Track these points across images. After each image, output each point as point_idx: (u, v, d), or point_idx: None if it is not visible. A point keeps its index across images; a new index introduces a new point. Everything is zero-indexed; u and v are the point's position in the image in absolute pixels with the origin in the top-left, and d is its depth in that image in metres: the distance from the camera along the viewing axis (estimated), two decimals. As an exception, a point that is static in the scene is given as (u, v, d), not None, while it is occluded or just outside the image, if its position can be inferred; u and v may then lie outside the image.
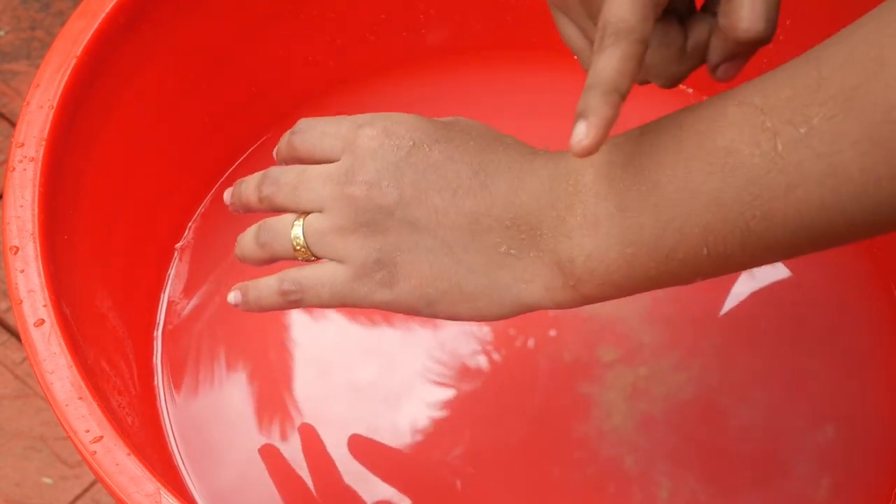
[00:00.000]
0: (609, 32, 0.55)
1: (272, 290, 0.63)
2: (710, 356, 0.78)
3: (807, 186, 0.52)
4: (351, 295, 0.61)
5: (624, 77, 0.55)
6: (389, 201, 0.60)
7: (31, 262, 0.66)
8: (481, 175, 0.60)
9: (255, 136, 0.87)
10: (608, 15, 0.56)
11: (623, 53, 0.55)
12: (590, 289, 0.58)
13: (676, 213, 0.55)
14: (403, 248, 0.60)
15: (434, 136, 0.61)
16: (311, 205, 0.62)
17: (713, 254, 0.56)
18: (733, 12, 0.57)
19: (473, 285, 0.60)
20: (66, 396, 0.62)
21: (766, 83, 0.55)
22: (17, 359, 1.16)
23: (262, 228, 0.64)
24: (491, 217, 0.59)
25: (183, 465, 0.75)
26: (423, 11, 0.88)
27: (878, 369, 0.78)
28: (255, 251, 0.64)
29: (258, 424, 0.77)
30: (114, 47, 0.74)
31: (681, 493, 0.74)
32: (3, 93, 1.28)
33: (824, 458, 0.75)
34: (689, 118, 0.56)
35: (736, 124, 0.54)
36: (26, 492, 1.10)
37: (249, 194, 0.65)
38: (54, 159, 0.70)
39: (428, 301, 0.60)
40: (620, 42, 0.55)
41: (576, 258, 0.58)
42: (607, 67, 0.55)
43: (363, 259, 0.61)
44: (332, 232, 0.61)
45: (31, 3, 1.32)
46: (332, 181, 0.61)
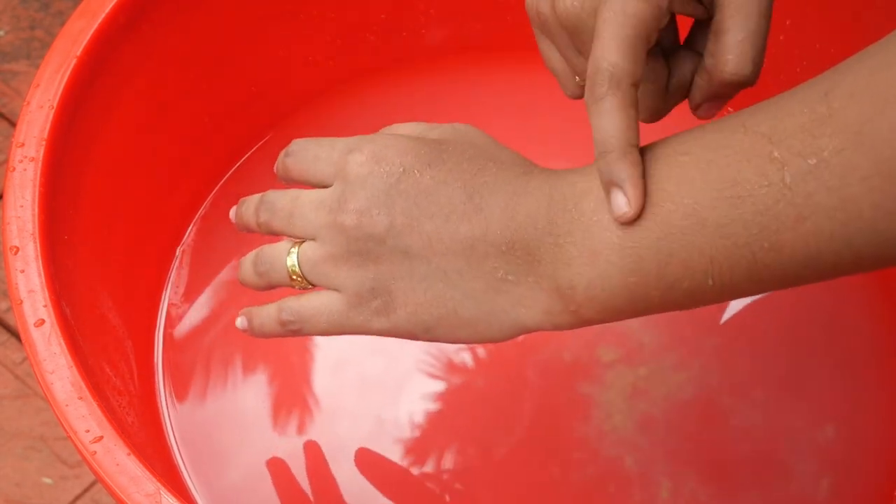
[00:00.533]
0: (602, 80, 0.55)
1: (272, 319, 0.63)
2: (710, 356, 0.78)
3: (816, 219, 0.52)
4: (348, 324, 0.61)
5: (632, 128, 0.56)
6: (380, 230, 0.59)
7: (31, 262, 0.66)
8: (475, 199, 0.59)
9: (255, 136, 0.87)
10: (600, 60, 0.56)
11: (621, 104, 0.56)
12: (590, 314, 0.58)
13: (681, 244, 0.55)
14: (397, 276, 0.59)
15: (425, 160, 0.60)
16: (304, 232, 0.61)
17: (718, 284, 0.55)
18: (720, 54, 0.58)
19: (471, 311, 0.59)
20: (66, 396, 0.62)
21: (773, 110, 0.54)
22: (17, 359, 1.16)
23: (258, 257, 0.64)
24: (486, 242, 0.58)
25: (183, 465, 0.75)
26: (423, 11, 0.88)
27: (878, 370, 0.78)
28: (254, 279, 0.64)
29: (258, 424, 0.77)
30: (114, 47, 0.74)
31: (681, 493, 0.74)
32: (3, 93, 1.28)
33: (824, 458, 0.75)
34: (695, 145, 0.56)
35: (742, 153, 0.54)
36: (26, 492, 1.10)
37: (249, 217, 0.65)
38: (54, 159, 0.70)
39: (425, 327, 0.60)
40: (616, 92, 0.55)
41: (576, 286, 0.57)
42: (614, 123, 0.56)
43: (357, 288, 0.60)
44: (326, 261, 0.61)
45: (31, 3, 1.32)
46: (325, 209, 0.61)
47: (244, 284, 0.65)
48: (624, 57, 0.55)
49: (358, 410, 0.77)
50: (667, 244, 0.55)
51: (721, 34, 0.58)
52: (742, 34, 0.57)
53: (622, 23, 0.55)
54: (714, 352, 0.78)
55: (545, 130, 0.87)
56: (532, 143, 0.87)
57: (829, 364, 0.78)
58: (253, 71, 0.85)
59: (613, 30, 0.56)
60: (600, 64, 0.55)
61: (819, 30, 0.81)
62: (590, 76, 0.56)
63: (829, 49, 0.81)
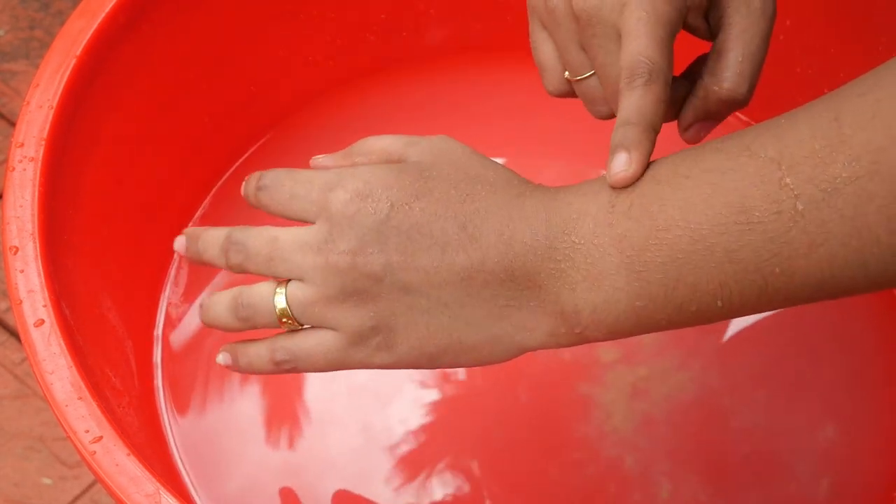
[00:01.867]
0: (641, 72, 0.57)
1: (263, 359, 0.61)
2: (711, 356, 0.78)
3: (829, 246, 0.52)
4: (348, 360, 0.59)
5: (658, 116, 0.57)
6: (377, 269, 0.57)
7: (30, 262, 0.66)
8: (469, 228, 0.58)
9: (255, 136, 0.87)
10: (637, 55, 0.57)
11: (657, 94, 0.57)
12: (595, 335, 0.58)
13: (688, 269, 0.55)
14: (398, 311, 0.58)
15: (412, 192, 0.58)
16: (289, 274, 0.59)
17: (727, 306, 0.55)
18: (720, 72, 0.60)
19: (474, 338, 0.58)
20: (66, 396, 0.62)
21: (779, 132, 0.54)
22: (17, 359, 1.16)
23: (239, 303, 0.61)
24: (485, 271, 0.57)
25: (182, 465, 0.75)
26: (423, 11, 0.88)
27: (878, 370, 0.78)
28: (231, 323, 0.61)
29: (257, 422, 0.77)
30: (114, 47, 0.74)
31: (681, 493, 0.74)
32: (3, 93, 1.28)
33: (824, 458, 0.75)
34: (696, 168, 0.56)
35: (748, 178, 0.54)
36: (26, 492, 1.10)
37: (214, 257, 0.62)
38: (54, 159, 0.70)
39: (430, 357, 0.59)
40: (654, 83, 0.57)
41: (581, 310, 0.57)
42: (645, 105, 0.57)
43: (357, 327, 0.58)
44: (320, 302, 0.58)
45: (31, 3, 1.32)
46: (311, 250, 0.58)
47: (212, 326, 0.62)
48: (661, 55, 0.57)
49: (354, 413, 0.77)
50: (674, 269, 0.55)
51: (723, 53, 0.60)
52: (742, 55, 0.59)
53: (656, 22, 0.57)
54: (714, 352, 0.78)
55: (545, 130, 0.87)
56: (532, 143, 0.87)
57: (829, 364, 0.78)
58: (253, 71, 0.85)
59: (649, 28, 0.57)
60: (638, 59, 0.57)
61: (819, 29, 0.81)
62: (627, 68, 0.57)
63: (829, 49, 0.81)
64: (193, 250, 0.62)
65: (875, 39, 0.78)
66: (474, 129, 0.87)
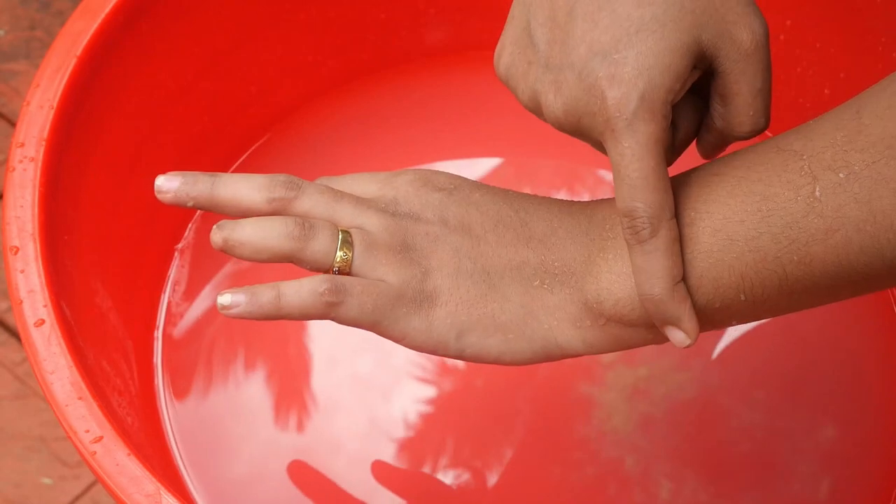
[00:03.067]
0: (642, 224, 0.55)
1: (305, 289, 0.56)
2: (711, 356, 0.78)
3: (845, 231, 0.52)
4: (391, 313, 0.58)
5: (677, 265, 0.55)
6: (435, 230, 0.59)
7: (31, 262, 0.66)
8: (521, 213, 0.60)
9: (255, 136, 0.87)
10: (633, 202, 0.55)
11: (666, 245, 0.55)
12: (619, 330, 0.58)
13: (710, 263, 0.55)
14: (444, 272, 0.58)
15: (472, 184, 0.61)
16: (351, 221, 0.58)
17: (751, 300, 0.55)
18: (733, 118, 0.57)
19: (507, 314, 0.58)
20: (66, 396, 0.62)
21: (806, 130, 0.55)
22: (17, 359, 1.16)
23: (300, 223, 0.57)
24: (529, 250, 0.59)
25: (183, 465, 0.75)
26: (422, 11, 0.88)
27: (878, 369, 0.78)
28: (280, 241, 0.57)
29: (258, 423, 0.77)
30: (113, 47, 0.74)
31: (681, 493, 0.74)
32: (3, 93, 1.28)
33: (824, 458, 0.75)
34: (726, 166, 0.56)
35: (773, 169, 0.54)
36: (26, 492, 1.10)
37: (248, 191, 0.58)
38: (54, 159, 0.70)
39: (459, 331, 0.58)
40: (660, 231, 0.55)
41: (603, 301, 0.58)
42: (660, 268, 0.55)
43: (408, 279, 0.58)
44: (381, 248, 0.58)
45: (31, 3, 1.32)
46: (374, 208, 0.59)
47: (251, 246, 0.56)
48: (656, 191, 0.55)
49: (356, 407, 0.77)
50: (697, 265, 0.56)
51: (730, 98, 0.57)
52: (750, 97, 0.57)
53: (643, 153, 0.54)
54: (714, 352, 0.78)
55: (545, 131, 0.87)
56: (531, 143, 0.87)
57: (830, 364, 0.78)
58: (253, 71, 0.85)
59: (637, 166, 0.54)
60: (635, 206, 0.55)
61: (819, 30, 0.81)
62: (626, 216, 0.55)
63: (829, 49, 0.81)
64: (221, 183, 0.58)
65: (875, 39, 0.78)
66: (473, 129, 0.87)
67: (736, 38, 0.56)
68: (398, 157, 0.86)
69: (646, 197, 0.55)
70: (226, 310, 0.56)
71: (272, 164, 0.86)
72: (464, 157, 0.87)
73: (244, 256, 0.57)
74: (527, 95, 0.59)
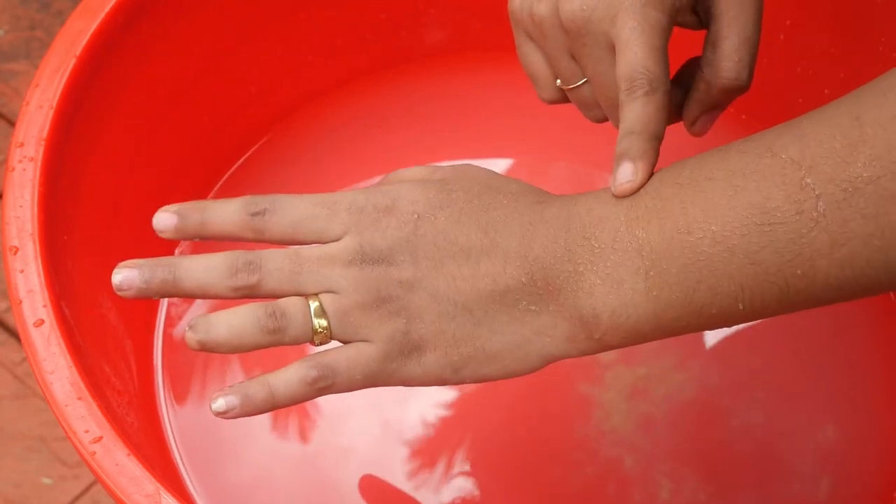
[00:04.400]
0: (641, 83, 0.58)
1: (295, 379, 0.57)
2: (710, 356, 0.78)
3: (851, 246, 0.52)
4: (382, 373, 0.58)
5: (661, 125, 0.58)
6: (408, 275, 0.58)
7: (30, 262, 0.66)
8: (491, 233, 0.58)
9: (255, 136, 0.87)
10: (635, 65, 0.58)
11: (658, 103, 0.58)
12: (614, 340, 0.58)
13: (709, 271, 0.55)
14: (427, 319, 0.58)
15: (436, 203, 0.59)
16: (319, 287, 0.58)
17: (749, 309, 0.55)
18: (719, 62, 0.61)
19: (497, 346, 0.58)
20: (66, 397, 0.62)
21: (801, 132, 0.54)
22: (17, 359, 1.16)
23: (268, 312, 0.57)
24: (507, 276, 0.58)
25: (182, 466, 0.75)
26: (422, 11, 0.88)
27: (878, 369, 0.78)
28: (257, 337, 0.57)
29: (258, 424, 0.77)
30: (113, 47, 0.74)
31: (681, 493, 0.74)
32: (3, 92, 1.28)
33: (824, 458, 0.75)
34: (719, 170, 0.56)
35: (771, 179, 0.54)
36: (25, 492, 1.10)
37: (214, 283, 0.58)
38: (54, 159, 0.70)
39: (454, 368, 0.58)
40: (655, 93, 0.58)
41: (600, 314, 0.57)
42: (647, 115, 0.58)
43: (391, 335, 0.58)
44: (356, 310, 0.57)
45: (31, 3, 1.32)
46: (341, 263, 0.58)
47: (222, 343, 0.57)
48: (658, 64, 0.58)
49: (355, 413, 0.77)
50: (695, 271, 0.55)
51: (719, 42, 0.61)
52: (738, 42, 0.61)
53: (650, 31, 0.58)
54: (714, 352, 0.78)
55: (545, 130, 0.87)
56: (532, 143, 0.87)
57: (830, 364, 0.78)
58: (253, 71, 0.85)
59: (644, 38, 0.58)
60: (637, 69, 0.58)
61: (819, 29, 0.81)
62: (626, 79, 0.58)
63: (830, 49, 0.81)
64: (182, 276, 0.58)
65: (875, 39, 0.78)
66: (474, 129, 0.87)
67: None
68: (398, 157, 0.86)
69: (648, 65, 0.58)
70: (222, 415, 0.57)
71: (272, 164, 0.86)
72: (464, 158, 0.87)
73: (225, 352, 0.58)
74: (544, 5, 0.61)
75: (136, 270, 0.59)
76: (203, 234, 0.59)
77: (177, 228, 0.59)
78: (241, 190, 0.85)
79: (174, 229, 0.60)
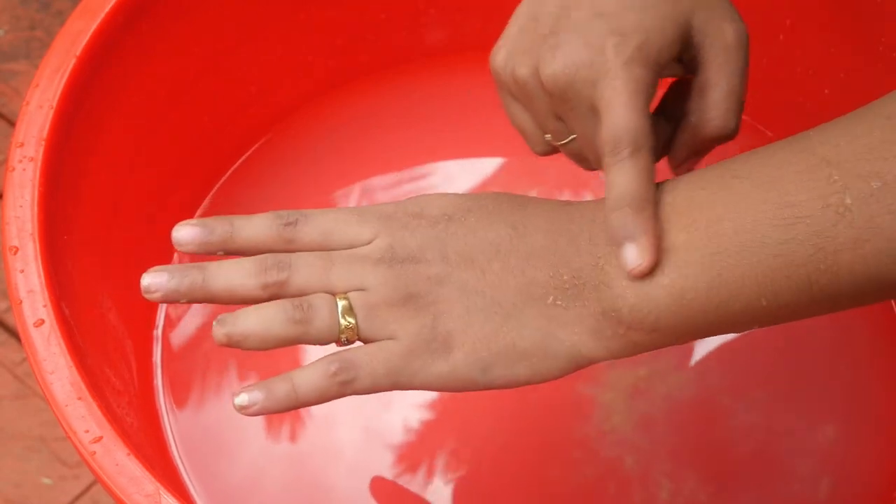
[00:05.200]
0: (626, 144, 0.57)
1: (316, 374, 0.57)
2: (710, 356, 0.78)
3: (876, 241, 0.52)
4: (406, 370, 0.57)
5: (650, 186, 0.57)
6: (437, 271, 0.58)
7: (30, 262, 0.66)
8: (519, 229, 0.59)
9: (255, 136, 0.87)
10: (618, 128, 0.57)
11: (644, 165, 0.57)
12: (639, 336, 0.57)
13: (732, 263, 0.55)
14: (455, 314, 0.57)
15: (465, 207, 0.59)
16: (347, 284, 0.58)
17: (773, 304, 0.55)
18: (706, 111, 0.60)
19: (527, 341, 0.58)
20: (66, 397, 0.62)
21: (830, 133, 0.54)
22: (17, 359, 1.16)
23: (297, 305, 0.57)
24: (535, 269, 0.58)
25: (182, 466, 0.75)
26: (422, 11, 0.88)
27: (878, 370, 0.78)
28: (283, 328, 0.57)
29: (257, 423, 0.77)
30: (113, 47, 0.74)
31: (681, 493, 0.74)
32: (3, 92, 1.28)
33: (824, 458, 0.75)
34: (745, 167, 0.56)
35: (798, 175, 0.54)
36: (25, 492, 1.10)
37: (244, 281, 0.57)
38: (54, 159, 0.70)
39: (483, 367, 0.58)
40: (639, 155, 0.57)
41: (620, 307, 0.56)
42: (634, 181, 0.57)
43: (417, 331, 0.57)
44: (383, 307, 0.57)
45: (31, 3, 1.32)
46: (371, 261, 0.58)
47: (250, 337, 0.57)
48: (642, 124, 0.57)
49: (354, 411, 0.77)
50: (717, 264, 0.55)
51: (706, 92, 0.60)
52: (726, 91, 0.60)
53: (633, 92, 0.57)
54: (714, 352, 0.78)
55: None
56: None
57: (830, 364, 0.78)
58: (253, 71, 0.85)
59: (626, 99, 0.57)
60: (620, 131, 0.57)
61: (819, 30, 0.81)
62: (609, 142, 0.57)
63: (830, 49, 0.81)
64: (211, 277, 0.58)
65: (875, 39, 0.78)
66: (474, 129, 0.87)
67: (722, 31, 0.59)
68: (398, 157, 0.86)
69: (630, 126, 0.57)
70: (244, 410, 0.57)
71: (272, 164, 0.86)
72: (464, 157, 0.87)
73: (250, 348, 0.57)
74: (526, 68, 0.60)
75: (165, 273, 0.58)
76: (229, 247, 0.59)
77: (202, 240, 0.59)
78: (241, 190, 0.85)
79: (199, 242, 0.59)
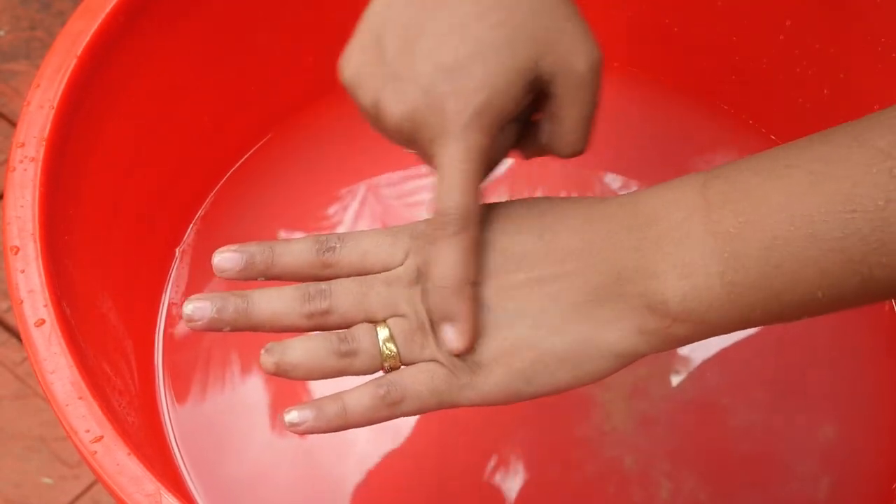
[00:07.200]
0: (452, 220, 0.57)
1: (367, 396, 0.57)
2: (711, 356, 0.78)
3: None
4: (449, 391, 0.57)
5: (472, 266, 0.57)
6: None
7: (31, 262, 0.66)
8: (547, 236, 0.58)
9: (255, 136, 0.87)
10: (449, 205, 0.57)
11: (467, 246, 0.57)
12: (683, 330, 0.56)
13: (789, 255, 0.54)
14: (485, 332, 0.57)
15: (492, 218, 0.59)
16: (385, 310, 0.58)
17: (828, 297, 0.54)
18: (558, 138, 0.61)
19: (562, 346, 0.57)
20: (67, 396, 0.62)
21: (891, 123, 0.53)
22: (17, 359, 1.16)
23: (343, 338, 0.58)
24: (568, 274, 0.57)
25: (183, 465, 0.75)
26: (423, 11, 0.88)
27: (878, 369, 0.78)
28: (329, 360, 0.58)
29: (258, 423, 0.77)
30: (114, 47, 0.74)
31: (681, 493, 0.74)
32: (3, 93, 1.28)
33: (824, 458, 0.75)
34: (801, 157, 0.55)
35: (856, 167, 0.53)
36: (26, 492, 1.10)
37: (288, 311, 0.58)
38: (54, 159, 0.70)
39: (525, 379, 0.57)
40: (465, 232, 0.57)
41: (669, 299, 0.55)
42: (459, 266, 0.57)
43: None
44: (419, 331, 0.58)
45: (31, 3, 1.32)
46: (404, 282, 0.58)
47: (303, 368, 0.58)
48: (471, 195, 0.57)
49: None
50: (774, 254, 0.54)
51: (560, 120, 0.60)
52: (578, 119, 0.60)
53: (467, 159, 0.57)
54: (714, 352, 0.78)
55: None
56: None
57: (829, 364, 0.78)
58: (253, 71, 0.85)
59: (459, 169, 0.57)
60: (450, 208, 0.57)
61: (819, 30, 0.81)
62: (437, 213, 0.57)
63: (829, 49, 0.81)
64: (255, 306, 0.58)
65: (875, 39, 0.78)
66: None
67: (572, 67, 0.59)
68: (400, 157, 0.86)
69: (460, 199, 0.57)
70: (294, 427, 0.57)
71: (272, 164, 0.86)
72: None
73: (297, 378, 0.58)
74: (369, 98, 0.60)
75: (209, 301, 0.58)
76: (270, 272, 0.59)
77: (243, 268, 0.59)
78: (241, 190, 0.85)
79: (240, 269, 0.59)
